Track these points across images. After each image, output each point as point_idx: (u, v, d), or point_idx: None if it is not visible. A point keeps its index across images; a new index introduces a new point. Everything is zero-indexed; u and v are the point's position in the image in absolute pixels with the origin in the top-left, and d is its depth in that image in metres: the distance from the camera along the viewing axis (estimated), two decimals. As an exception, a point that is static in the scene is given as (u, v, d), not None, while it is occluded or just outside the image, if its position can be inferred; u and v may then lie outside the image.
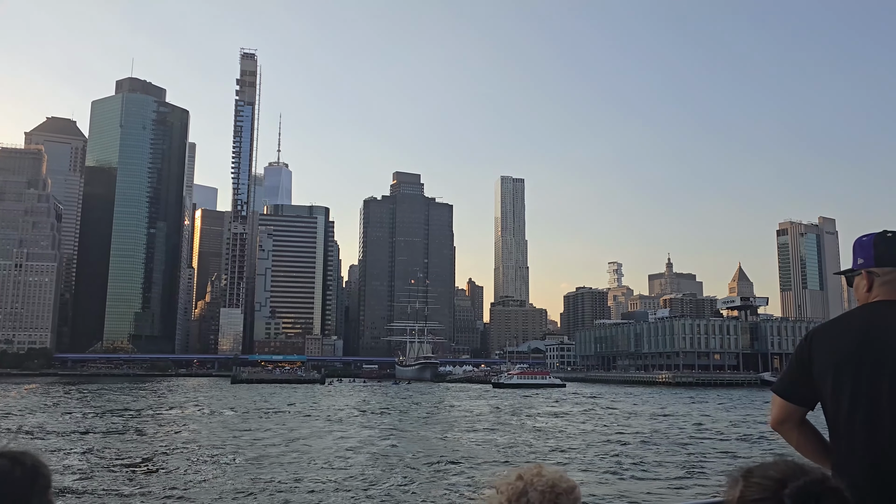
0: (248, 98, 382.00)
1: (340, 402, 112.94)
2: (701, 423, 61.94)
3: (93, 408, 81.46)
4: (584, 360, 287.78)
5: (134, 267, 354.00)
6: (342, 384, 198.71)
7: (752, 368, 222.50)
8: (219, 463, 37.39)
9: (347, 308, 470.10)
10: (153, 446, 44.74)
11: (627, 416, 73.54)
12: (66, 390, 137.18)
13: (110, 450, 42.10)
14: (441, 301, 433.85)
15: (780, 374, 3.43)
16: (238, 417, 72.17)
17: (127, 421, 64.33)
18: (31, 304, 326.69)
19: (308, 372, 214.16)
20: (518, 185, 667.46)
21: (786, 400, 3.29)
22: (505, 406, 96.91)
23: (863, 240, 3.29)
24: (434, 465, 36.57)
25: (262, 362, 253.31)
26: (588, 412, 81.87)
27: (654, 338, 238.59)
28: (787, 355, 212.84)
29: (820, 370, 3.15)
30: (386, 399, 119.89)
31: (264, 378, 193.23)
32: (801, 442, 3.29)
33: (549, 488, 2.13)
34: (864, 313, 3.18)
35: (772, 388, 3.37)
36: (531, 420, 70.75)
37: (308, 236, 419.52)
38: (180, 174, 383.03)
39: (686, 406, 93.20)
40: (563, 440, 50.23)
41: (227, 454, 40.36)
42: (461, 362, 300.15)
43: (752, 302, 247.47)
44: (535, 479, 2.16)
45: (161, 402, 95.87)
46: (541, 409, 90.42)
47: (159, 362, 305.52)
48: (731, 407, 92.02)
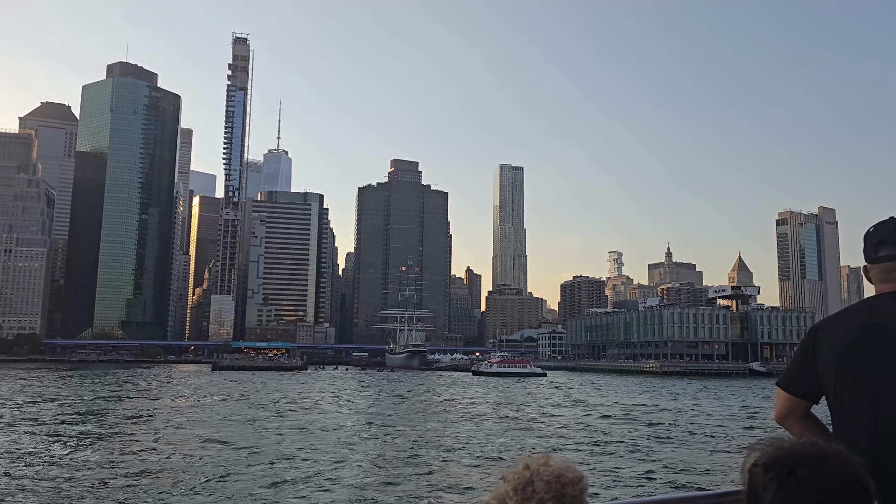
0: (241, 83, 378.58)
1: (316, 387, 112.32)
2: (658, 422, 59.10)
3: (44, 397, 79.25)
4: (575, 348, 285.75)
5: (125, 253, 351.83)
6: (325, 372, 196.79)
7: (742, 358, 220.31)
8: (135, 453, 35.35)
9: (343, 296, 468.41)
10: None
11: (587, 410, 71.06)
12: (36, 376, 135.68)
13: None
14: (435, 289, 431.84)
15: (785, 370, 3.41)
16: (194, 404, 70.39)
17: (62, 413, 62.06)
18: (21, 290, 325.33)
19: (293, 359, 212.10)
20: (517, 174, 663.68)
21: (790, 393, 3.28)
22: (477, 394, 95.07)
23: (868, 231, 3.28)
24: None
25: (246, 349, 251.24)
26: (550, 402, 79.60)
27: (643, 327, 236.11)
28: (778, 345, 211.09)
29: (824, 362, 3.15)
30: (360, 386, 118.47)
31: (246, 365, 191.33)
32: (803, 435, 3.17)
33: (555, 478, 2.15)
34: (868, 305, 3.20)
35: (776, 381, 3.36)
36: (464, 407, 68.91)
37: (302, 223, 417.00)
38: (172, 160, 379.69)
39: (658, 397, 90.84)
40: (478, 433, 47.84)
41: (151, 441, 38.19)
42: (451, 350, 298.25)
43: (744, 291, 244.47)
44: (541, 469, 2.18)
45: (125, 392, 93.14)
46: (483, 398, 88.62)
47: (148, 349, 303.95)
48: (712, 397, 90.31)
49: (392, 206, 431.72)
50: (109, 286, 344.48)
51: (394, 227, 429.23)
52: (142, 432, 44.79)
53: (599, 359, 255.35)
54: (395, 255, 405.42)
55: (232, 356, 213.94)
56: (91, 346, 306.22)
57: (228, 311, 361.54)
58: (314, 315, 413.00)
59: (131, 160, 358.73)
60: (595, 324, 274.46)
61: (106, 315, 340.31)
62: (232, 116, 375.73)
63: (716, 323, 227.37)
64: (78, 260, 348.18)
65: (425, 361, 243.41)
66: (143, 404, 69.65)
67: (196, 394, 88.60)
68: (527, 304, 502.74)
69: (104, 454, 34.92)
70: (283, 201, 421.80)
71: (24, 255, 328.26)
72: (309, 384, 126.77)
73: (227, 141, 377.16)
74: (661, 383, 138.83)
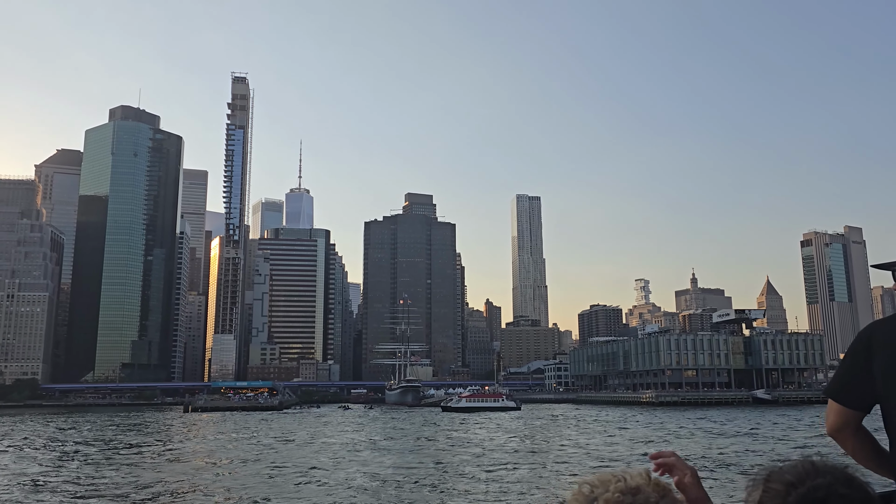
0: (240, 122, 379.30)
1: (260, 430, 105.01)
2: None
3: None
4: (578, 379, 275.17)
5: (127, 295, 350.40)
6: (302, 411, 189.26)
7: (747, 386, 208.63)
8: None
9: (359, 332, 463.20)
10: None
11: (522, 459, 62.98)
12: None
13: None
14: (444, 321, 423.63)
15: (833, 378, 3.13)
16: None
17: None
18: (22, 335, 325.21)
19: (272, 399, 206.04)
20: (534, 203, 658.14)
21: (843, 405, 3.03)
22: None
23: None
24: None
25: (224, 389, 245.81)
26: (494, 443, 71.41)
27: (641, 355, 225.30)
28: (784, 371, 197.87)
29: (880, 368, 2.93)
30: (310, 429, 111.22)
31: (220, 406, 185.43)
32: (856, 448, 3.05)
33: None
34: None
35: (825, 393, 3.09)
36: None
37: (307, 260, 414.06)
38: (175, 200, 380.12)
39: (637, 430, 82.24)
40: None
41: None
42: (449, 385, 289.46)
43: (747, 315, 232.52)
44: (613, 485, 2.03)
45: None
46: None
47: (146, 391, 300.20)
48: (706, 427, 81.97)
49: (399, 239, 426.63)
50: (111, 329, 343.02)
51: (401, 261, 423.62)
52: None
53: (600, 390, 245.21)
54: (403, 288, 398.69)
55: (208, 397, 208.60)
56: (89, 389, 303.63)
57: (230, 350, 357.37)
58: (322, 352, 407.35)
59: (133, 202, 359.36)
60: (597, 353, 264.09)
61: (107, 358, 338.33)
62: (232, 155, 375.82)
63: (717, 349, 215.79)
64: (81, 303, 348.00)
65: (418, 397, 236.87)
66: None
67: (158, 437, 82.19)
68: (543, 335, 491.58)
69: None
70: (288, 238, 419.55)
71: (26, 300, 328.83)
72: (254, 427, 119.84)
73: (227, 179, 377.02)
74: (652, 415, 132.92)
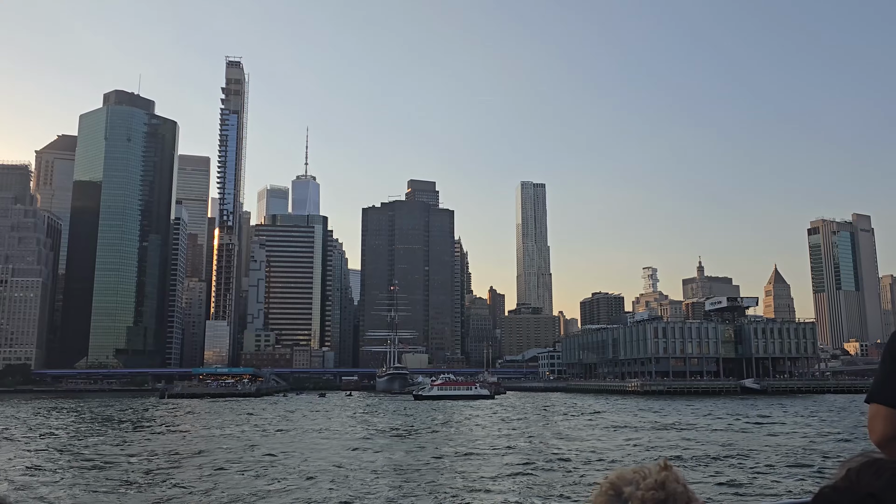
0: (234, 107, 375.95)
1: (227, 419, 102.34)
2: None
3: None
4: (569, 367, 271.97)
5: (121, 281, 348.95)
6: (279, 398, 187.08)
7: (736, 375, 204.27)
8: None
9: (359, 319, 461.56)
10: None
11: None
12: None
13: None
14: (442, 308, 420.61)
15: (876, 381, 2.54)
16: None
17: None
18: (16, 320, 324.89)
19: (250, 385, 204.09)
20: (539, 190, 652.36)
21: (894, 408, 2.48)
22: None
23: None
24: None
25: (202, 376, 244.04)
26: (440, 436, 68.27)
27: (629, 343, 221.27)
28: (775, 360, 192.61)
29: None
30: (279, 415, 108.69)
31: (196, 393, 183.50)
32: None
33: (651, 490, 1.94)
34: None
35: (870, 398, 2.52)
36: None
37: (304, 246, 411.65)
38: (170, 186, 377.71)
39: (615, 416, 78.65)
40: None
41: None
42: (440, 372, 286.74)
43: (739, 302, 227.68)
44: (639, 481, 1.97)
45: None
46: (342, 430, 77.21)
47: (137, 377, 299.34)
48: (686, 414, 78.18)
49: (397, 226, 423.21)
50: (105, 314, 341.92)
51: (398, 248, 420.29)
52: None
53: (590, 378, 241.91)
54: (400, 275, 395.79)
55: (186, 383, 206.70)
56: (81, 375, 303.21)
57: (223, 336, 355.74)
58: (319, 339, 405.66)
59: (126, 188, 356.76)
60: (587, 341, 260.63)
61: (101, 344, 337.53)
62: (226, 140, 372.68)
63: (705, 337, 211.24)
64: (75, 289, 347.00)
65: (405, 384, 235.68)
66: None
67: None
68: (543, 322, 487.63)
69: None
70: (285, 225, 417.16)
71: (20, 286, 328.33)
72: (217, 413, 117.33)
73: (221, 165, 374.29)
74: (635, 403, 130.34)
